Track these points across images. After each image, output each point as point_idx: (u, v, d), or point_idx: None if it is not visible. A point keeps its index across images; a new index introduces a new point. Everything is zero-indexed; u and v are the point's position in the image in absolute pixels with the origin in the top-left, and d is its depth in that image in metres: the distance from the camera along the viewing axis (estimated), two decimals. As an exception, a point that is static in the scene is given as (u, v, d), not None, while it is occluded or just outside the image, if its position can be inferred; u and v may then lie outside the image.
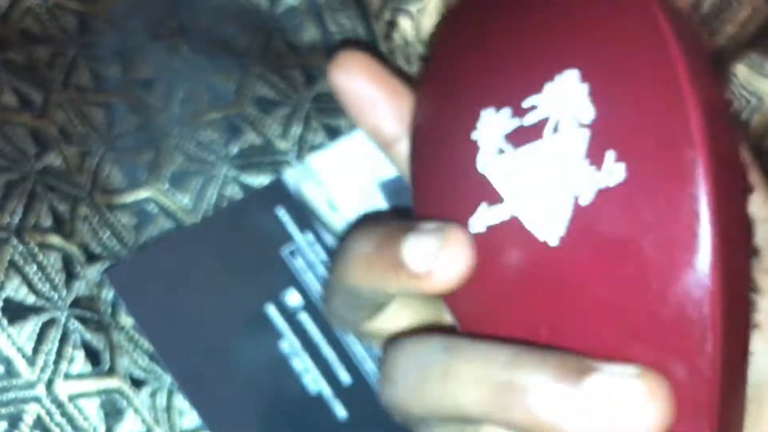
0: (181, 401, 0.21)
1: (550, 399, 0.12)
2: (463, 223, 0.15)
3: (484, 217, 0.15)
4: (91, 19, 0.26)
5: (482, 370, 0.13)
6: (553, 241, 0.14)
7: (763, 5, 0.34)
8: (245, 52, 0.26)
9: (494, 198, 0.15)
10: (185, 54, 0.26)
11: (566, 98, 0.14)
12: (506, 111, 0.15)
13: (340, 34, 0.28)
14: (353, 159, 0.25)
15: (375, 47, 0.28)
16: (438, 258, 0.14)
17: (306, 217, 0.24)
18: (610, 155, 0.14)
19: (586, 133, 0.14)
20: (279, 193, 0.24)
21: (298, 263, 0.23)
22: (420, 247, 0.14)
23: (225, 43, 0.27)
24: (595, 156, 0.14)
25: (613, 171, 0.13)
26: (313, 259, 0.23)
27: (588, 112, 0.14)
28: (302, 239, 0.24)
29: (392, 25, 0.30)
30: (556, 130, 0.14)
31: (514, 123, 0.15)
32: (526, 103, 0.15)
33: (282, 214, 0.24)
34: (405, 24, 0.30)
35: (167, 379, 0.21)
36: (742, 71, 0.31)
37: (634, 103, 0.13)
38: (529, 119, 0.15)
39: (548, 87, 0.15)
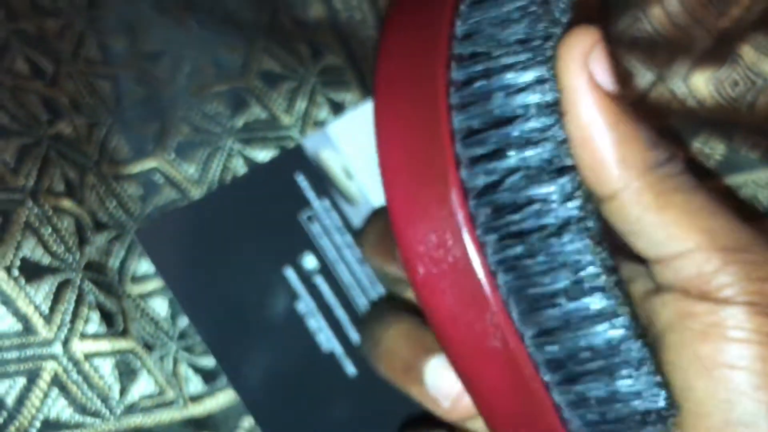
0: (185, 368, 0.22)
1: None
2: None
3: None
4: (97, -9, 0.27)
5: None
6: None
7: (764, -8, 0.35)
8: (251, 26, 0.28)
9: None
10: (192, 27, 0.27)
11: None
12: None
13: (346, 11, 0.29)
14: (368, 127, 0.26)
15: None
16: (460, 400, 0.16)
17: (323, 183, 0.25)
18: None
19: None
20: (299, 159, 0.25)
21: (315, 228, 0.24)
22: (442, 379, 0.16)
23: (231, 16, 0.28)
24: None
25: None
26: (329, 225, 0.25)
27: None
28: (319, 205, 0.25)
29: (397, 3, 0.31)
30: None
31: None
32: None
33: (301, 179, 0.25)
34: None
35: (173, 345, 0.22)
36: (748, 53, 0.33)
37: None
38: None
39: None
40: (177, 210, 0.24)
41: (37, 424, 0.18)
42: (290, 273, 0.24)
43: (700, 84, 0.33)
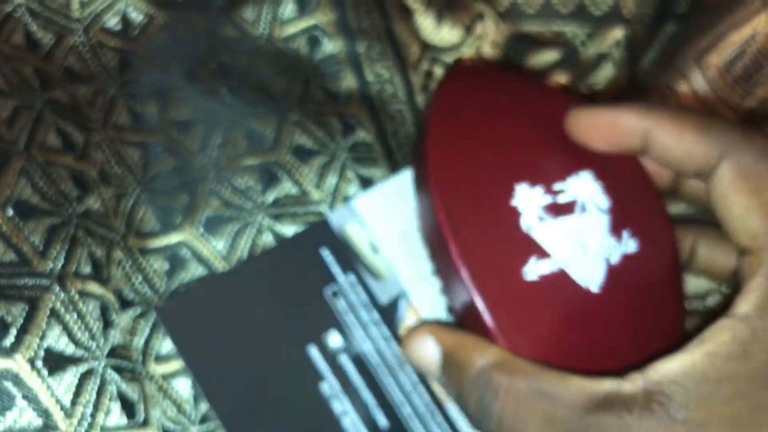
0: (205, 453, 0.21)
1: None
2: (517, 272, 0.20)
3: (535, 269, 0.20)
4: (132, 56, 0.26)
5: None
6: (595, 288, 0.20)
7: (791, 70, 0.35)
8: (283, 98, 0.27)
9: (542, 254, 0.20)
10: (224, 97, 0.27)
11: (587, 190, 0.21)
12: (539, 189, 0.21)
13: (378, 83, 0.29)
14: (395, 203, 0.25)
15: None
16: None
17: (349, 258, 0.24)
18: (626, 233, 0.21)
19: (606, 216, 0.21)
20: (324, 233, 0.24)
21: (341, 304, 0.24)
22: None
23: (263, 87, 0.27)
24: (616, 232, 0.21)
25: (629, 244, 0.21)
26: (355, 301, 0.24)
27: (604, 201, 0.21)
28: (345, 280, 0.24)
29: (430, 75, 0.31)
30: (584, 210, 0.21)
31: (548, 199, 0.21)
32: (555, 187, 0.21)
33: (326, 254, 0.24)
34: (441, 74, 0.31)
35: (194, 430, 0.21)
36: (770, 135, 0.32)
37: (633, 197, 0.21)
38: (561, 198, 0.21)
39: (571, 180, 0.21)
40: (199, 284, 0.23)
41: None
42: (314, 352, 0.23)
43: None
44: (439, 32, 0.31)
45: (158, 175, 0.24)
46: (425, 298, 0.25)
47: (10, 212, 0.19)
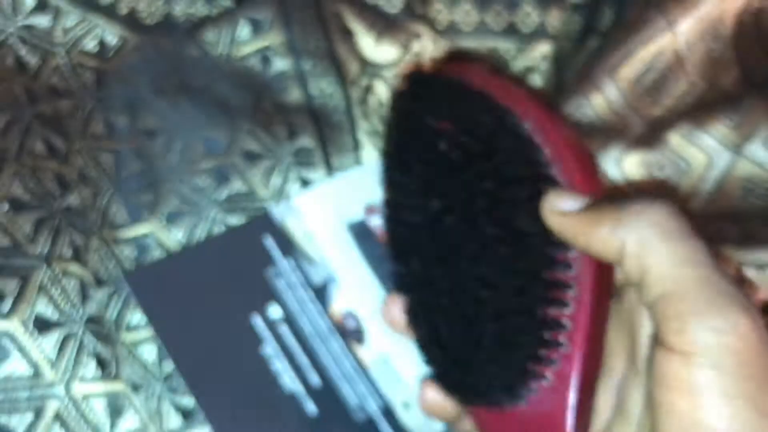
0: (167, 406, 0.27)
1: None
2: None
3: None
4: (106, 75, 0.32)
5: None
6: None
7: (699, 81, 0.41)
8: (238, 109, 0.33)
9: None
10: (185, 108, 0.32)
11: None
12: None
13: (321, 97, 0.34)
14: (328, 201, 0.31)
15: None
16: None
17: (288, 245, 0.30)
18: None
19: None
20: (267, 224, 0.30)
21: (280, 282, 0.29)
22: None
23: (221, 100, 0.33)
24: None
25: None
26: (293, 281, 0.29)
27: None
28: (284, 263, 0.30)
29: (368, 89, 0.36)
30: None
31: None
32: None
33: (269, 242, 0.30)
34: (380, 88, 0.37)
35: (158, 386, 0.27)
36: (674, 138, 0.38)
37: None
38: None
39: None
40: (162, 259, 0.28)
41: (40, 452, 0.23)
42: (257, 321, 0.29)
43: (632, 166, 0.38)
44: (378, 51, 0.37)
45: (128, 177, 0.30)
46: (351, 281, 0.30)
47: (6, 207, 0.25)
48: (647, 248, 0.20)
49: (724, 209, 0.38)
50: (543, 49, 0.42)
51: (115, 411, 0.24)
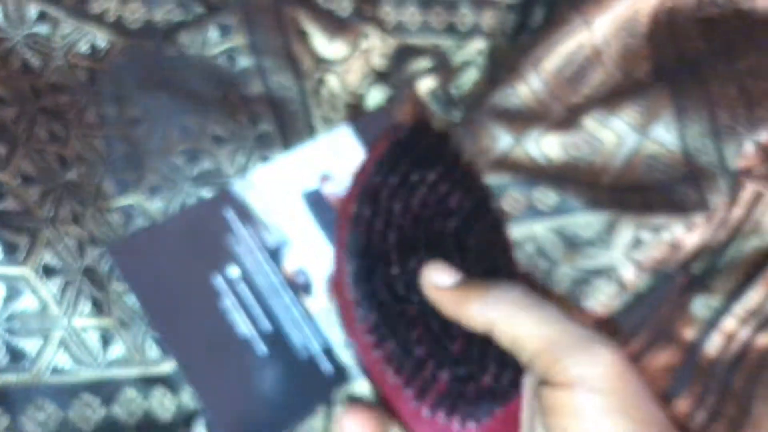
0: (149, 341, 0.34)
1: None
2: None
3: None
4: (97, 73, 0.39)
5: None
6: None
7: (615, 72, 0.48)
8: (208, 101, 0.40)
9: None
10: (164, 100, 0.39)
11: None
12: None
13: (279, 89, 0.41)
14: (283, 175, 0.38)
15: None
16: None
17: (247, 216, 0.37)
18: None
19: None
20: (228, 197, 0.37)
21: (240, 248, 0.36)
22: None
23: (194, 93, 0.40)
24: None
25: None
26: (251, 246, 0.36)
27: None
28: (244, 232, 0.37)
29: (321, 81, 0.43)
30: None
31: None
32: None
33: (230, 213, 0.37)
34: (332, 81, 0.43)
35: (142, 325, 0.34)
36: (589, 122, 0.45)
37: None
38: None
39: None
40: (138, 231, 0.35)
41: (49, 371, 0.30)
42: (218, 279, 0.36)
43: (551, 146, 0.45)
44: (330, 48, 0.44)
45: (116, 158, 0.37)
46: (303, 243, 0.37)
47: (19, 180, 0.32)
48: (515, 320, 0.26)
49: (631, 182, 0.45)
50: (478, 45, 0.49)
51: (106, 341, 0.32)
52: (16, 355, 0.30)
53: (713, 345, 0.43)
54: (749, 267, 0.45)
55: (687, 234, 0.43)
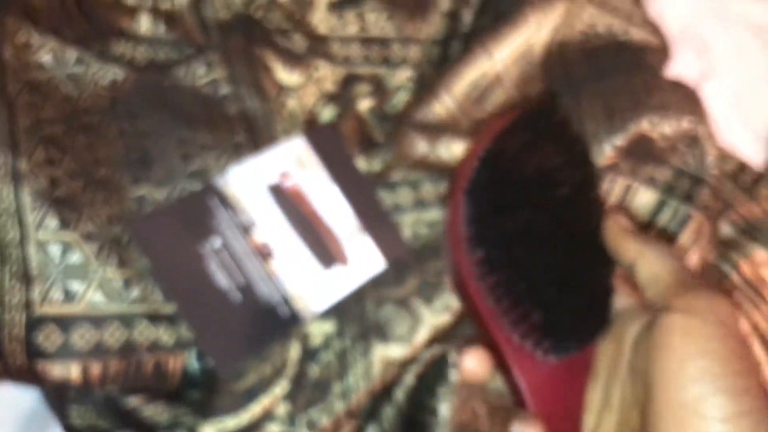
0: (157, 291, 0.50)
1: None
2: None
3: None
4: (117, 99, 0.56)
5: None
6: None
7: (514, 92, 0.65)
8: (198, 119, 0.56)
9: None
10: (166, 118, 0.56)
11: None
12: None
13: (252, 110, 0.58)
14: (253, 173, 0.55)
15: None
16: None
17: (226, 203, 0.54)
18: None
19: None
20: (213, 189, 0.54)
21: (221, 226, 0.53)
22: None
23: (186, 113, 0.56)
24: None
25: None
26: (230, 224, 0.53)
27: None
28: (224, 214, 0.53)
29: (283, 104, 0.60)
30: None
31: None
32: None
33: (214, 201, 0.53)
34: (292, 103, 0.60)
35: (152, 277, 0.50)
36: (493, 133, 0.61)
37: None
38: None
39: None
40: (149, 212, 0.52)
41: (90, 304, 0.47)
42: (205, 247, 0.52)
43: (459, 151, 0.62)
44: (289, 78, 0.61)
45: (132, 161, 0.54)
46: (267, 223, 0.54)
47: (69, 175, 0.49)
48: (658, 259, 0.33)
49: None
50: (408, 73, 0.66)
51: (128, 285, 0.48)
52: (68, 293, 0.46)
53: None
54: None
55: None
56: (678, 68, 0.72)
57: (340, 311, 0.53)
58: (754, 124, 0.75)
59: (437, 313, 0.53)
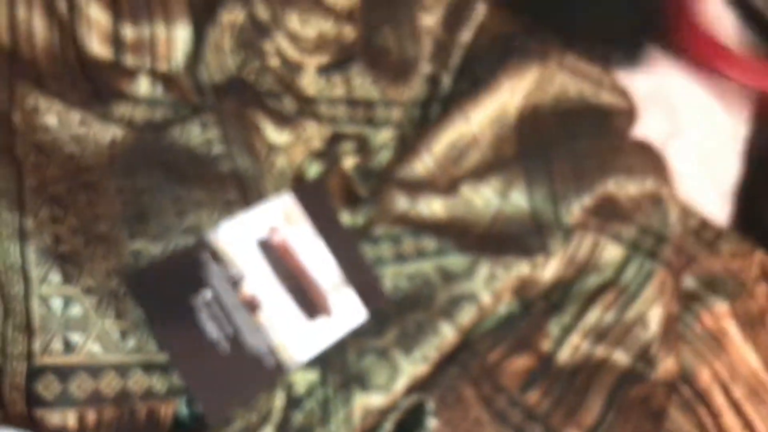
0: (151, 340, 0.54)
1: None
2: None
3: None
4: (116, 157, 0.60)
5: None
6: None
7: (489, 152, 0.70)
8: (192, 176, 0.61)
9: None
10: (161, 175, 0.60)
11: None
12: None
13: (244, 168, 0.63)
14: (243, 228, 0.59)
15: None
16: None
17: (217, 257, 0.58)
18: None
19: None
20: (204, 244, 0.58)
21: (212, 279, 0.57)
22: None
23: (181, 171, 0.61)
24: None
25: None
26: (220, 277, 0.57)
27: None
28: (215, 268, 0.58)
29: (272, 163, 0.64)
30: None
31: None
32: None
33: (205, 255, 0.58)
34: (281, 161, 0.65)
35: (147, 328, 0.54)
36: (465, 190, 0.66)
37: None
38: None
39: None
40: (144, 266, 0.56)
41: (88, 355, 0.50)
42: (197, 300, 0.56)
43: (437, 206, 0.67)
44: (279, 138, 0.65)
45: (129, 216, 0.58)
46: (256, 276, 0.58)
47: (72, 231, 0.53)
48: None
49: (494, 234, 0.67)
50: (390, 133, 0.71)
51: (124, 336, 0.52)
52: (68, 344, 0.50)
53: (564, 354, 0.65)
54: (591, 294, 0.66)
55: (534, 271, 0.65)
56: (645, 128, 0.78)
57: (323, 361, 0.57)
58: (718, 182, 0.81)
59: (415, 362, 0.57)
